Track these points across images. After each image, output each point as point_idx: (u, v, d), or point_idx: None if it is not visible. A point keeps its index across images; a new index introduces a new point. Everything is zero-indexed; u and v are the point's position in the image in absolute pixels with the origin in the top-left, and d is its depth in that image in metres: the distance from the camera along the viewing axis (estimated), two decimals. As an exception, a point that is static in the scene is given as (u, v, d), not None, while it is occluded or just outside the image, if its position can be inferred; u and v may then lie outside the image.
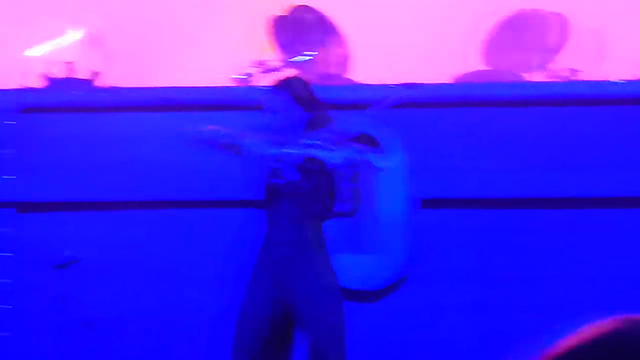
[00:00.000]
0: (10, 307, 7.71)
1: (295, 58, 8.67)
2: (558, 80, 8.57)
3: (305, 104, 6.05)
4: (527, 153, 7.54)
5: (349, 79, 8.65)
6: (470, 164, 7.59)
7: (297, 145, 5.90)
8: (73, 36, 9.64)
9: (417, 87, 7.89)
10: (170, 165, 7.67)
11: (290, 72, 8.64)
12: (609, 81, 7.79)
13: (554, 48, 8.86)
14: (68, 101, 7.80)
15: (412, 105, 7.56)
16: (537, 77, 8.72)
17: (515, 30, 8.94)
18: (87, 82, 7.99)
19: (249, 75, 8.41)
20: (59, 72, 8.11)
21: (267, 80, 8.57)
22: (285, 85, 6.13)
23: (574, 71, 8.68)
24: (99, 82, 8.01)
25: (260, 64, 8.52)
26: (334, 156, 5.85)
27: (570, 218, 7.54)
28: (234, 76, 8.40)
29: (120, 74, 8.45)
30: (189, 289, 7.64)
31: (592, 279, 7.42)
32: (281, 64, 8.62)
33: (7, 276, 7.73)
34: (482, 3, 9.20)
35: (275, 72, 8.49)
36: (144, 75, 8.85)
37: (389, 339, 7.57)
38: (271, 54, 8.66)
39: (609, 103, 7.57)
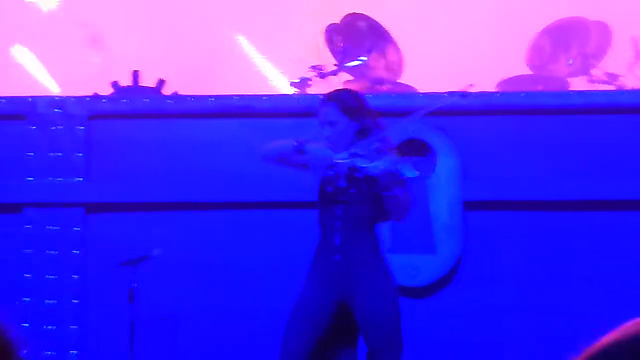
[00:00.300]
0: (78, 301, 7.74)
1: (350, 63, 8.66)
2: (599, 84, 8.64)
3: (353, 114, 6.07)
4: (569, 159, 7.57)
5: (400, 83, 8.72)
6: (518, 168, 7.62)
7: (345, 154, 5.95)
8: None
9: (464, 95, 7.96)
10: (231, 168, 7.74)
11: (343, 81, 8.72)
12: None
13: (595, 54, 8.85)
14: (134, 108, 7.84)
15: (463, 112, 7.55)
16: (579, 81, 8.79)
17: (559, 37, 8.97)
18: (153, 90, 8.02)
19: (307, 79, 8.45)
20: (126, 80, 8.16)
21: (323, 86, 8.60)
22: (333, 96, 6.18)
23: (614, 76, 8.73)
24: (164, 90, 8.05)
25: (317, 69, 8.51)
26: (373, 166, 5.90)
27: (620, 221, 7.55)
28: (292, 81, 8.46)
29: (185, 82, 8.50)
30: (251, 287, 7.68)
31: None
32: (336, 68, 8.62)
33: (75, 272, 7.73)
34: (529, 11, 9.23)
35: (331, 76, 8.62)
36: (208, 84, 8.93)
37: (440, 336, 7.58)
38: (327, 60, 8.72)
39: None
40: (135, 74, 8.03)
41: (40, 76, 9.91)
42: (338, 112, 6.05)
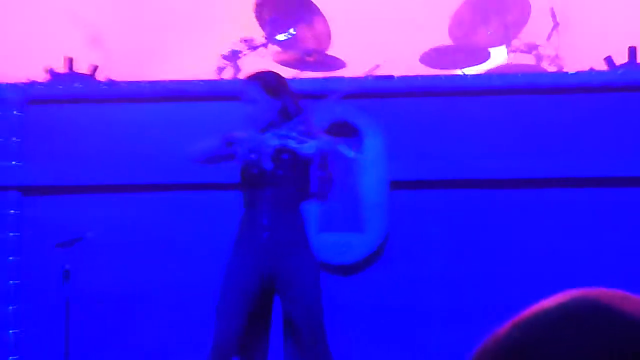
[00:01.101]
0: (18, 281, 7.73)
1: (279, 36, 8.72)
2: (519, 53, 8.96)
3: (274, 93, 6.07)
4: (488, 138, 7.63)
5: (328, 54, 8.85)
6: (439, 148, 7.61)
7: (271, 136, 5.92)
8: None
9: (388, 78, 7.93)
10: (162, 151, 7.74)
11: (272, 52, 8.72)
12: (565, 73, 7.86)
13: (514, 25, 9.06)
14: (69, 94, 7.83)
15: (387, 95, 7.59)
16: (499, 50, 9.03)
17: (479, 9, 9.11)
18: (87, 76, 7.98)
19: (237, 52, 8.51)
20: (61, 67, 8.10)
21: (253, 57, 8.58)
22: (255, 76, 6.16)
23: (533, 46, 8.97)
24: (97, 76, 8.00)
25: (247, 41, 8.54)
26: (306, 147, 5.86)
27: (538, 197, 7.58)
28: (222, 54, 8.41)
29: (117, 68, 8.44)
30: (181, 266, 7.68)
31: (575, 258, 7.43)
32: (265, 41, 8.77)
33: (12, 254, 7.75)
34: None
35: (261, 48, 8.74)
36: (139, 69, 8.87)
37: (367, 311, 7.59)
38: (257, 33, 8.72)
39: (565, 92, 7.64)
40: (70, 60, 7.95)
41: None
42: (260, 91, 6.03)
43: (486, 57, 8.90)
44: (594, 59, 8.21)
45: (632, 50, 8.01)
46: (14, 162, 7.92)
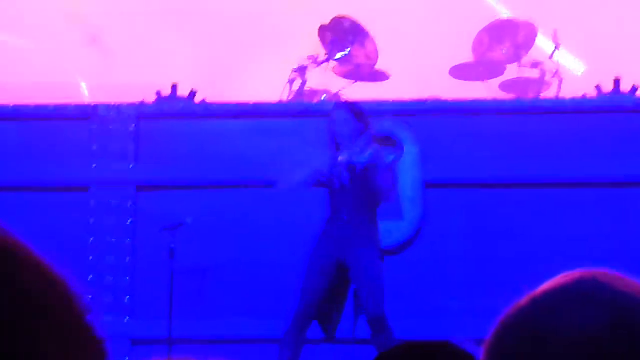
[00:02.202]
0: (130, 258, 7.92)
1: (338, 54, 9.25)
2: (527, 68, 9.38)
3: (361, 120, 6.32)
4: (502, 151, 7.85)
5: (376, 69, 9.47)
6: (463, 156, 7.87)
7: (347, 153, 6.20)
8: None
9: (421, 102, 8.19)
10: (246, 158, 7.97)
11: (332, 67, 9.22)
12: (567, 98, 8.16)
13: (523, 46, 9.52)
14: (173, 112, 8.10)
15: (423, 114, 7.92)
16: (512, 66, 9.60)
17: (495, 33, 9.65)
18: (186, 98, 8.25)
19: (304, 67, 9.02)
20: (167, 91, 8.38)
21: (317, 71, 9.10)
22: (345, 103, 6.42)
23: (538, 63, 9.38)
24: (196, 99, 8.28)
25: (312, 58, 9.14)
26: (362, 157, 6.16)
27: (545, 198, 7.83)
28: (293, 68, 8.66)
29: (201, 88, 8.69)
30: (270, 247, 7.87)
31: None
32: (327, 57, 9.34)
33: (129, 236, 7.97)
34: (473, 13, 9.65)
35: (324, 64, 9.24)
36: (219, 88, 9.10)
37: (405, 285, 7.79)
38: (321, 52, 9.35)
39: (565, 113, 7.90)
40: (174, 86, 8.23)
41: None
42: (349, 114, 6.26)
43: (502, 71, 9.54)
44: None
45: (617, 81, 8.26)
46: (131, 165, 8.20)
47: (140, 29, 10.14)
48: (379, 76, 9.47)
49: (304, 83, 9.02)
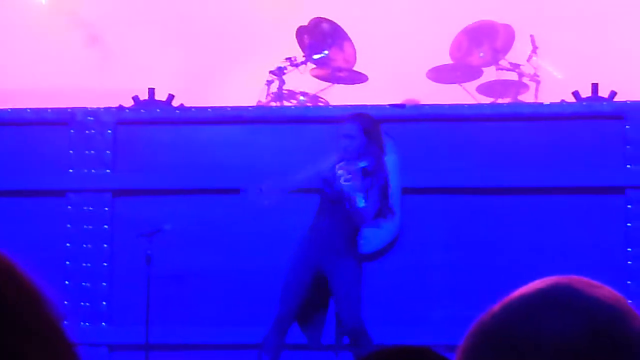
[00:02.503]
0: (107, 264, 7.89)
1: (315, 56, 9.19)
2: (505, 71, 9.39)
3: (368, 135, 6.30)
4: (479, 156, 7.88)
5: (354, 71, 9.46)
6: (440, 162, 7.88)
7: (346, 167, 6.19)
8: None
9: (401, 107, 8.22)
10: (224, 163, 7.96)
11: (310, 69, 9.10)
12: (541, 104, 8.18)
13: (502, 49, 9.56)
14: (151, 117, 8.08)
15: (401, 120, 7.89)
16: (489, 70, 9.61)
17: (474, 36, 9.67)
18: (164, 102, 8.24)
19: (282, 68, 9.05)
20: (144, 96, 8.36)
21: (294, 73, 9.03)
22: (357, 117, 6.40)
23: (516, 65, 9.41)
24: (173, 103, 8.27)
25: (290, 60, 9.08)
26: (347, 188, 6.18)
27: (517, 203, 7.84)
28: (270, 70, 8.62)
29: (187, 96, 8.67)
30: (248, 254, 7.84)
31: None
32: (304, 59, 9.29)
33: (105, 242, 7.95)
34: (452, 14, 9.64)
35: (301, 66, 9.18)
36: (197, 93, 9.07)
37: (384, 290, 7.80)
38: (298, 54, 9.32)
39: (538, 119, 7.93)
40: (151, 91, 8.22)
41: None
42: (359, 130, 6.23)
43: (479, 74, 9.59)
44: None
45: (594, 87, 8.31)
46: (108, 171, 8.21)
47: (117, 33, 10.15)
48: (357, 78, 9.46)
49: (281, 85, 9.04)
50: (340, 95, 9.29)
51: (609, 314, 1.19)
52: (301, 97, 9.05)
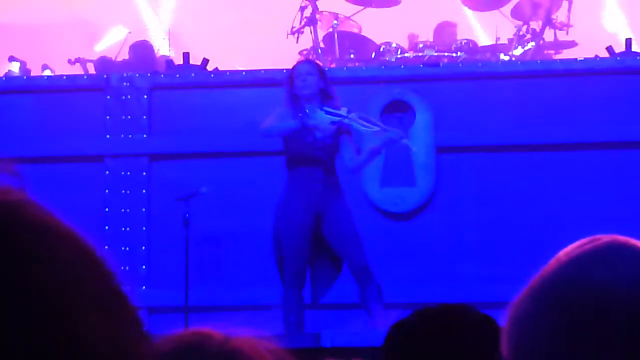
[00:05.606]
0: (145, 228, 7.95)
1: None
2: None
3: (323, 76, 6.39)
4: (512, 112, 7.88)
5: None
6: (475, 121, 7.87)
7: (325, 114, 6.20)
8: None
9: (437, 65, 8.21)
10: (256, 127, 7.91)
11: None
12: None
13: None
14: (186, 81, 8.12)
15: (435, 79, 7.85)
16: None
17: None
18: (199, 67, 8.28)
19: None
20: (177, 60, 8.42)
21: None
22: (311, 60, 6.46)
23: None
24: (208, 67, 8.32)
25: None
26: (375, 136, 6.20)
27: (556, 160, 7.82)
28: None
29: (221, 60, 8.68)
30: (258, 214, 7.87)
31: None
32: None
33: (143, 206, 8.00)
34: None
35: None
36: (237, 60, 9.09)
37: (418, 250, 7.82)
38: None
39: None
40: (186, 55, 8.23)
41: None
42: (315, 70, 6.29)
43: None
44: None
45: (628, 41, 8.23)
46: (144, 135, 8.24)
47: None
48: (390, 1, 9.32)
49: (315, 10, 8.97)
50: (372, 19, 9.26)
51: None
52: (334, 22, 8.99)
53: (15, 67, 9.07)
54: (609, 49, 8.38)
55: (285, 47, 9.37)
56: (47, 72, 8.93)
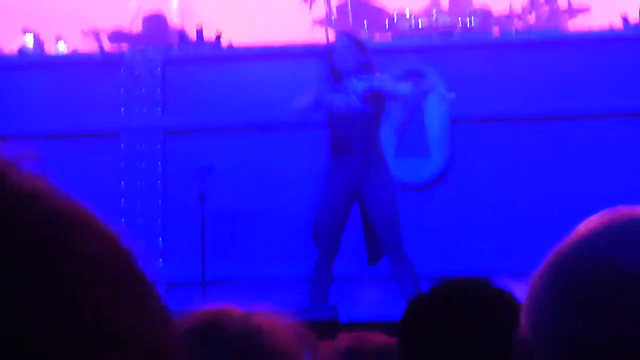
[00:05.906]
0: (161, 201, 7.93)
1: None
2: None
3: (362, 49, 6.29)
4: (527, 85, 7.78)
5: None
6: (489, 92, 7.81)
7: (358, 82, 6.11)
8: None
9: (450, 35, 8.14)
10: (271, 101, 7.87)
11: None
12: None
13: None
14: (199, 56, 8.06)
15: (450, 49, 7.77)
16: None
17: None
18: (212, 41, 8.22)
19: None
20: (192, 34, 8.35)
21: None
22: (348, 33, 6.36)
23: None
24: (221, 41, 8.26)
25: None
26: (401, 88, 6.10)
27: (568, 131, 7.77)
28: None
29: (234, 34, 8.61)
30: (299, 189, 7.78)
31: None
32: None
33: (159, 179, 7.97)
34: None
35: None
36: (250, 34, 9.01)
37: (433, 221, 7.78)
38: None
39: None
40: (199, 30, 8.17)
41: None
42: (353, 43, 6.21)
43: None
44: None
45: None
46: (159, 109, 8.22)
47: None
48: None
49: None
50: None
51: None
52: None
53: (29, 39, 9.06)
54: (624, 18, 8.31)
55: (298, 17, 9.32)
56: (61, 43, 8.93)
